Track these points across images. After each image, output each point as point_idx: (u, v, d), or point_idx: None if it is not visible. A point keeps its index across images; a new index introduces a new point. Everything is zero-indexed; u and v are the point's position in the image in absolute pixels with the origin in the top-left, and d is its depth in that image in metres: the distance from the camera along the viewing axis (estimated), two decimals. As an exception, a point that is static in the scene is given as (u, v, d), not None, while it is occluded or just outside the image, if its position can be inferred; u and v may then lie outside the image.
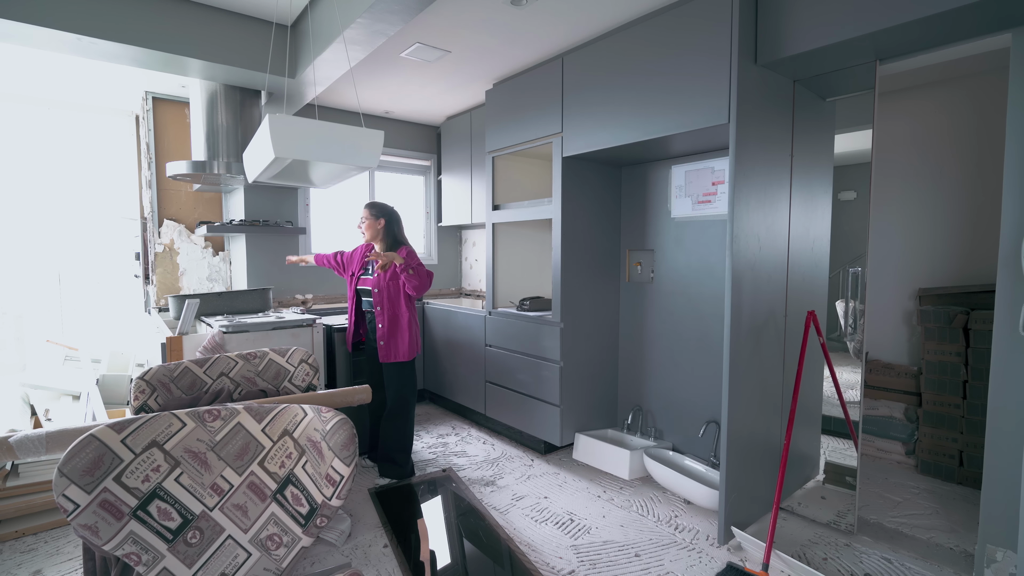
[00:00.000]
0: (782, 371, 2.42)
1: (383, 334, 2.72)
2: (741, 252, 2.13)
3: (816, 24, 1.96)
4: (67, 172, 3.72)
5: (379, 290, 2.71)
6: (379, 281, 2.71)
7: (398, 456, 2.77)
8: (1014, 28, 1.75)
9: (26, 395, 3.04)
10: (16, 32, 2.35)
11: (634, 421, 3.13)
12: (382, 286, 2.70)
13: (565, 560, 2.07)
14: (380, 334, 2.72)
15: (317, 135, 2.03)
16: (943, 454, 2.65)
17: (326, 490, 1.26)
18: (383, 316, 2.72)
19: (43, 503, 2.25)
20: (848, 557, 2.06)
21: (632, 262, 3.15)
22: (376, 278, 2.73)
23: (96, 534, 1.08)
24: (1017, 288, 1.74)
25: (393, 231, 2.79)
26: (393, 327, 2.73)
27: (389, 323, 2.72)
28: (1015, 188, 1.74)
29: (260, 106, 3.38)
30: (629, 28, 2.57)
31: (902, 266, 2.85)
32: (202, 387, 1.92)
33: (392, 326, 2.72)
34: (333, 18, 2.42)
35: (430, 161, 4.73)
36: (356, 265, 2.88)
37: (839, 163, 2.63)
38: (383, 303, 2.71)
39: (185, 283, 3.80)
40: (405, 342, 2.74)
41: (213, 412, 1.29)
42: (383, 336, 2.72)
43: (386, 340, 2.72)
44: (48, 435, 1.40)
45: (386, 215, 2.78)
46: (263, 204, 3.81)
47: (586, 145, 2.75)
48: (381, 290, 2.71)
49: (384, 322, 2.72)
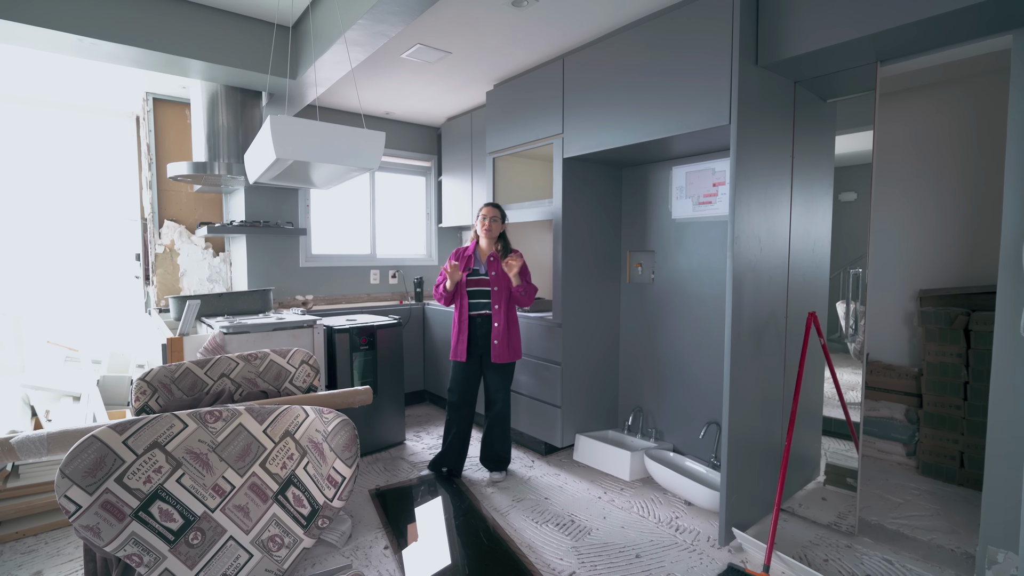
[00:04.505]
0: (783, 372, 2.42)
1: (499, 333, 2.70)
2: (742, 253, 2.13)
3: (817, 26, 1.96)
4: (68, 173, 3.72)
5: (499, 289, 2.71)
6: (498, 280, 2.71)
7: (508, 453, 2.86)
8: (1015, 29, 1.75)
9: (26, 396, 3.04)
10: (17, 33, 2.35)
11: (635, 422, 3.12)
12: (502, 285, 2.71)
13: (566, 561, 2.07)
14: (496, 333, 2.70)
15: (318, 136, 2.03)
16: (944, 455, 2.64)
17: (327, 491, 1.26)
18: (500, 315, 2.70)
19: (44, 504, 2.25)
20: (849, 558, 2.06)
21: (633, 263, 3.15)
22: (494, 277, 2.72)
23: (98, 535, 1.08)
24: (1018, 289, 1.74)
25: (505, 233, 2.84)
26: (510, 326, 2.73)
27: (506, 322, 2.71)
28: (1016, 189, 1.74)
29: (261, 107, 3.38)
30: (630, 29, 2.57)
31: (903, 267, 2.85)
32: (203, 388, 1.92)
33: (509, 325, 2.73)
34: (334, 19, 2.42)
35: (431, 162, 4.73)
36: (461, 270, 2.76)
37: (840, 164, 2.63)
38: (501, 302, 2.71)
39: (185, 284, 3.80)
40: (519, 342, 2.78)
41: (215, 413, 1.29)
42: (499, 335, 2.69)
43: (501, 339, 2.70)
44: (49, 436, 1.40)
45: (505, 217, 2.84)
46: (264, 205, 3.82)
47: (587, 146, 2.75)
48: (501, 289, 2.71)
49: (501, 321, 2.70)
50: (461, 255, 2.81)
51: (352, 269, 4.30)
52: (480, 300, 2.75)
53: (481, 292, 2.74)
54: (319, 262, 4.13)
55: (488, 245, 2.78)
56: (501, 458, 2.83)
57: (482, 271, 2.76)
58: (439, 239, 4.79)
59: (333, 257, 4.22)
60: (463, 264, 2.77)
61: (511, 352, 2.73)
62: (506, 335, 2.71)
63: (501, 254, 2.76)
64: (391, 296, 4.49)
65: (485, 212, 2.77)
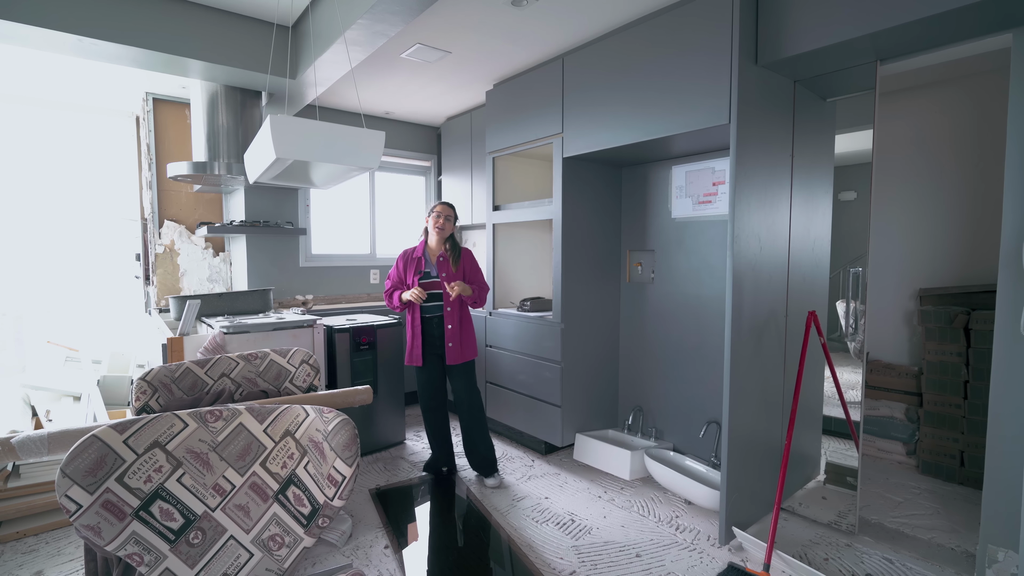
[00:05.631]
0: (783, 371, 2.42)
1: (453, 335, 2.67)
2: (742, 252, 2.13)
3: (816, 24, 1.96)
4: (68, 173, 3.72)
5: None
6: (449, 280, 2.67)
7: (493, 452, 2.80)
8: (1015, 28, 1.75)
9: (27, 396, 3.04)
10: (16, 33, 2.35)
11: (635, 421, 3.13)
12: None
13: (566, 561, 2.07)
14: (450, 335, 2.67)
15: (318, 136, 2.03)
16: (944, 454, 2.65)
17: (328, 491, 1.26)
18: (453, 316, 2.68)
19: (44, 504, 2.25)
20: (849, 557, 2.06)
21: (633, 262, 3.15)
22: (444, 278, 2.67)
23: (98, 535, 1.08)
24: (1018, 288, 1.74)
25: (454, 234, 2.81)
26: (464, 326, 2.71)
27: (459, 322, 2.69)
28: (1016, 188, 1.74)
29: (261, 107, 3.38)
30: (630, 28, 2.57)
31: (903, 266, 2.85)
32: (203, 388, 1.92)
33: (463, 325, 2.70)
34: (334, 19, 2.42)
35: (430, 162, 4.73)
36: (412, 273, 2.72)
37: (840, 163, 2.63)
38: (454, 303, 2.68)
39: (186, 284, 3.80)
40: (473, 339, 2.76)
41: (215, 413, 1.29)
42: (453, 337, 2.67)
43: (455, 341, 2.68)
44: (50, 436, 1.40)
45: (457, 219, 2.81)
46: (263, 205, 3.82)
47: (587, 146, 2.75)
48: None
49: (454, 322, 2.67)
50: (410, 258, 2.74)
51: (352, 269, 4.30)
52: (432, 303, 2.70)
53: (433, 295, 2.69)
54: (319, 262, 4.13)
55: (438, 244, 2.74)
56: (488, 459, 2.78)
57: (433, 273, 2.71)
58: (439, 239, 4.78)
59: (333, 257, 4.22)
60: (414, 268, 2.71)
61: (466, 352, 2.71)
62: (459, 336, 2.69)
63: (450, 254, 2.72)
64: (391, 296, 4.49)
65: (440, 210, 2.72)
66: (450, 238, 2.77)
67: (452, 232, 2.78)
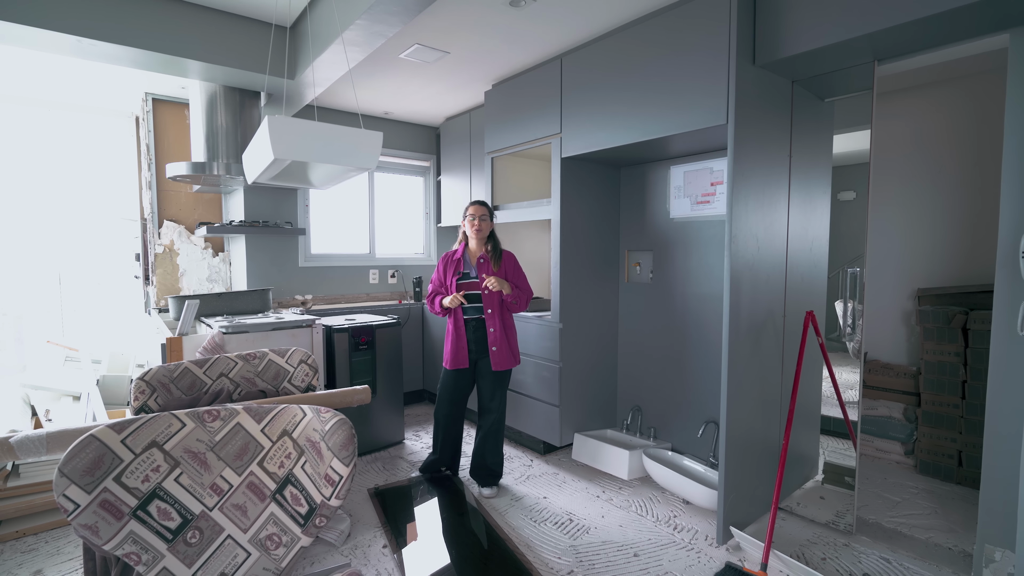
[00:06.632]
0: (781, 371, 2.43)
1: (497, 339, 2.54)
2: (740, 252, 2.14)
3: (814, 25, 1.96)
4: (67, 173, 3.72)
5: (491, 292, 2.55)
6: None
7: (501, 467, 2.69)
8: (1012, 28, 1.76)
9: (26, 396, 3.05)
10: (16, 34, 2.36)
11: (633, 421, 3.13)
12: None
13: (564, 560, 2.08)
14: (493, 339, 2.55)
15: (316, 136, 2.03)
16: (942, 454, 2.65)
17: (325, 490, 1.27)
18: (495, 319, 2.55)
19: (43, 503, 2.26)
20: (847, 557, 2.07)
21: (631, 262, 3.15)
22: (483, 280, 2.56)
23: (96, 534, 1.08)
24: (1015, 288, 1.74)
25: (494, 232, 2.68)
26: (507, 330, 2.59)
27: (502, 326, 2.56)
28: (1013, 188, 1.74)
29: (259, 107, 3.38)
30: (628, 29, 2.57)
31: (901, 266, 2.85)
32: (202, 388, 1.93)
33: (506, 329, 2.58)
34: (332, 19, 2.43)
35: (429, 162, 4.73)
36: (451, 274, 2.64)
37: (838, 163, 2.63)
38: (495, 306, 2.55)
39: (185, 284, 3.81)
40: (517, 344, 2.65)
41: (213, 412, 1.29)
42: (497, 341, 2.54)
43: (500, 345, 2.55)
44: (48, 435, 1.40)
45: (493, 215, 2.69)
46: (263, 205, 3.82)
47: (585, 146, 2.76)
48: (493, 293, 2.55)
49: (497, 326, 2.54)
50: (450, 260, 2.66)
51: (351, 269, 4.31)
52: (472, 304, 2.60)
53: (473, 296, 2.58)
54: (318, 262, 4.14)
55: (478, 246, 2.63)
56: (493, 472, 2.66)
57: (473, 274, 2.61)
58: (438, 239, 4.79)
59: (332, 257, 4.23)
60: (453, 269, 2.64)
61: (512, 358, 2.60)
62: (504, 340, 2.56)
63: (491, 255, 2.60)
64: (390, 296, 4.49)
65: (473, 211, 2.61)
66: (491, 237, 2.64)
67: (492, 230, 2.65)
